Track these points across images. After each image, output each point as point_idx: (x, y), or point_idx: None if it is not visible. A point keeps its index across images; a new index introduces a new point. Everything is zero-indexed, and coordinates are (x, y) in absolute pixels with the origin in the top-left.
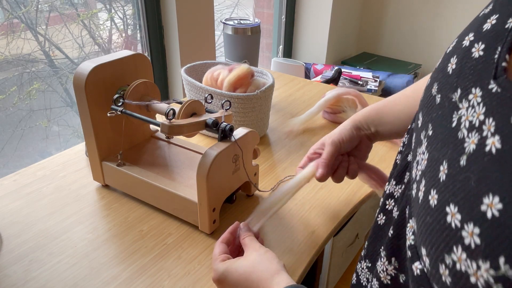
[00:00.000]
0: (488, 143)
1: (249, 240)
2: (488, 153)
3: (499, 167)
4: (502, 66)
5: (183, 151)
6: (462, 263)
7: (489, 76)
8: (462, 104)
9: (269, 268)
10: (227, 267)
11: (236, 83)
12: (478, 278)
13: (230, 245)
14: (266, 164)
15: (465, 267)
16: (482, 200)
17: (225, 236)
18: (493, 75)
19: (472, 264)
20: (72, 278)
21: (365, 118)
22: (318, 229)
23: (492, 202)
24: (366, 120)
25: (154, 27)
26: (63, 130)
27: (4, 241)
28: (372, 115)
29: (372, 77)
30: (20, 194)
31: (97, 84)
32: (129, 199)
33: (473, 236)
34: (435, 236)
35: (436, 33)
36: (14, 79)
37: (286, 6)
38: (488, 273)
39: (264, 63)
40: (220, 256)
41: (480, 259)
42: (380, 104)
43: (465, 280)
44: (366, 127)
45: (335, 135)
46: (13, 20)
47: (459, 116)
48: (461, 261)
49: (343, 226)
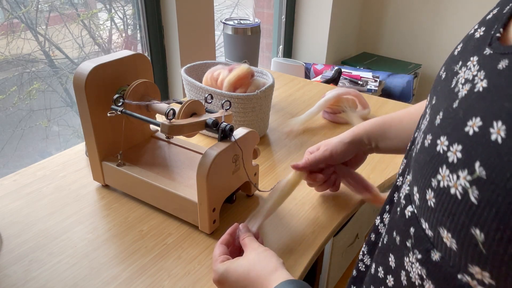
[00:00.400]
0: (477, 86)
1: (249, 240)
2: (476, 92)
3: (483, 99)
4: (496, 36)
5: (183, 151)
6: (445, 180)
7: (485, 45)
8: (462, 70)
9: (267, 265)
10: (227, 267)
11: (236, 83)
12: (457, 187)
13: (230, 246)
14: (266, 164)
15: (447, 182)
16: (467, 123)
17: (225, 237)
18: (488, 43)
19: (453, 177)
20: (72, 278)
21: (367, 133)
22: (318, 229)
23: (474, 122)
24: (369, 135)
25: (154, 27)
26: (63, 130)
27: (4, 241)
28: (375, 130)
29: (372, 77)
30: (20, 194)
31: (97, 84)
32: (129, 199)
33: (456, 153)
34: (425, 166)
35: (436, 33)
36: (14, 79)
37: (286, 6)
38: (466, 179)
39: (264, 63)
40: (220, 257)
41: (460, 170)
42: (384, 119)
43: (446, 195)
44: (367, 142)
45: (331, 145)
46: (13, 20)
47: (457, 78)
48: (444, 178)
49: (343, 226)
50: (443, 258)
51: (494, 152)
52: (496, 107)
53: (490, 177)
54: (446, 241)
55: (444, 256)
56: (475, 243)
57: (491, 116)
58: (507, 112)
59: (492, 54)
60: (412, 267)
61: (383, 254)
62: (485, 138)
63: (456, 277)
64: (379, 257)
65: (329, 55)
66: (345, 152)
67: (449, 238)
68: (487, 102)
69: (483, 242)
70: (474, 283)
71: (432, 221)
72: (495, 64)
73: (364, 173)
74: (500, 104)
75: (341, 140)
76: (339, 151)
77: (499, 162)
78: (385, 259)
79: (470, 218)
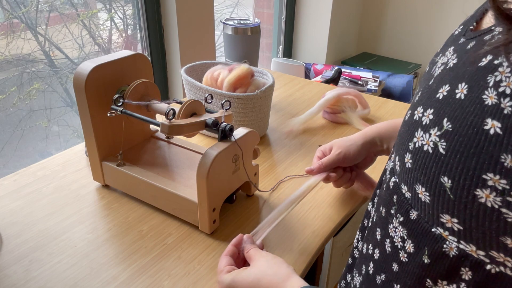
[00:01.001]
0: (449, 64)
1: (254, 252)
2: (447, 68)
3: (452, 70)
4: (470, 28)
5: (183, 151)
6: (419, 140)
7: (460, 37)
8: (440, 58)
9: (279, 272)
10: (234, 277)
11: (236, 83)
12: (429, 144)
13: (235, 257)
14: (266, 164)
15: (421, 141)
16: (438, 91)
17: (229, 248)
18: (463, 34)
19: (426, 136)
20: (72, 278)
21: (379, 134)
22: (318, 229)
23: (444, 89)
24: (381, 136)
25: (154, 27)
26: (63, 130)
27: (4, 241)
28: (387, 131)
29: (372, 77)
30: (20, 194)
31: (97, 84)
32: (129, 199)
33: (429, 116)
34: (404, 135)
35: (436, 33)
36: (14, 79)
37: (286, 6)
38: (436, 135)
39: (264, 63)
40: (225, 268)
41: (431, 128)
42: (396, 121)
43: (420, 152)
44: (379, 143)
45: (344, 148)
46: (13, 20)
47: (435, 65)
48: (419, 139)
49: (343, 226)
50: (419, 216)
51: (458, 107)
52: (461, 73)
53: (455, 128)
54: (420, 197)
55: (420, 213)
56: (444, 190)
57: (456, 80)
58: (469, 74)
59: (465, 41)
60: (395, 232)
61: (372, 231)
62: (451, 98)
63: (431, 231)
64: (369, 235)
65: (329, 55)
66: (358, 155)
67: (423, 192)
68: (455, 72)
69: (450, 188)
70: (445, 234)
71: (409, 181)
72: (465, 46)
73: None
74: (464, 70)
75: (354, 143)
76: (352, 153)
77: (461, 114)
78: (373, 235)
79: (439, 167)
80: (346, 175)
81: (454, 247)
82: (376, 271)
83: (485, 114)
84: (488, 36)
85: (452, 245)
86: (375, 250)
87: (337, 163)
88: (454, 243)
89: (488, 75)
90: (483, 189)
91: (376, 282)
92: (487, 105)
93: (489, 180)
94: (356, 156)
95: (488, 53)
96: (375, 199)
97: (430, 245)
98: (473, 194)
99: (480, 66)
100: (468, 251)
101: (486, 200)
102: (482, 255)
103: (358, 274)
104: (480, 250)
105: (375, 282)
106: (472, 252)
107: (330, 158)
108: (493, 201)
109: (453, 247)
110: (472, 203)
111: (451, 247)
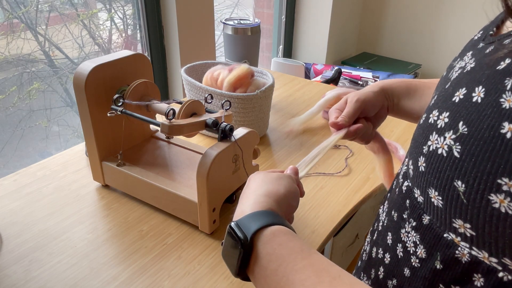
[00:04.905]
0: (466, 68)
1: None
2: (465, 72)
3: (469, 74)
4: (490, 34)
5: (183, 151)
6: (433, 144)
7: (479, 42)
8: (458, 63)
9: (276, 190)
10: (264, 173)
11: (236, 83)
12: (443, 147)
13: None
14: (266, 164)
15: (435, 144)
16: (454, 94)
17: (275, 171)
18: (482, 39)
19: (441, 139)
20: (72, 278)
21: (392, 87)
22: (318, 229)
23: (460, 92)
24: (393, 89)
25: (154, 27)
26: (63, 130)
27: (4, 241)
28: (400, 87)
29: (372, 77)
30: (20, 194)
31: (97, 84)
32: (129, 199)
33: (444, 119)
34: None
35: (436, 33)
36: (14, 79)
37: (286, 6)
38: (451, 138)
39: (264, 63)
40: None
41: (446, 132)
42: (412, 81)
43: (434, 156)
44: (390, 96)
45: (362, 94)
46: (13, 20)
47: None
48: (433, 142)
49: (343, 226)
50: (431, 221)
51: (475, 110)
52: (478, 76)
53: (470, 132)
54: (433, 201)
55: (432, 218)
56: (457, 194)
57: (473, 84)
58: (486, 77)
59: (484, 46)
60: (408, 237)
61: (382, 235)
62: (468, 101)
63: (443, 236)
64: (379, 239)
65: (329, 55)
66: (376, 100)
67: (436, 196)
68: (472, 75)
69: (463, 192)
70: (458, 240)
71: (422, 185)
72: (484, 51)
73: (364, 172)
74: (481, 73)
75: (370, 89)
76: (372, 99)
77: (477, 117)
78: (384, 239)
79: (453, 171)
80: (370, 126)
81: (466, 253)
82: (387, 276)
83: (502, 117)
84: (508, 40)
85: (464, 251)
86: (386, 255)
87: (359, 111)
88: (466, 249)
89: (506, 78)
90: (498, 194)
91: (387, 286)
92: (504, 109)
93: (504, 185)
94: (375, 102)
95: (507, 56)
96: (385, 203)
97: (442, 251)
98: (487, 199)
99: (498, 70)
100: (480, 257)
101: (500, 205)
102: (494, 262)
103: (367, 278)
104: (492, 257)
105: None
106: (484, 259)
107: (351, 107)
108: (507, 207)
109: (465, 253)
110: (486, 208)
111: (463, 253)
